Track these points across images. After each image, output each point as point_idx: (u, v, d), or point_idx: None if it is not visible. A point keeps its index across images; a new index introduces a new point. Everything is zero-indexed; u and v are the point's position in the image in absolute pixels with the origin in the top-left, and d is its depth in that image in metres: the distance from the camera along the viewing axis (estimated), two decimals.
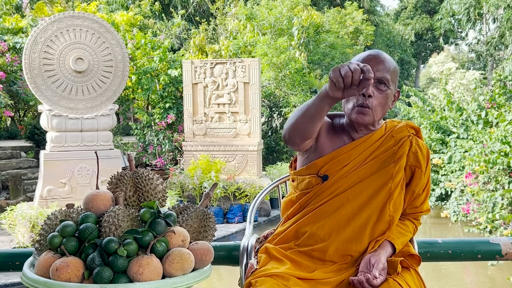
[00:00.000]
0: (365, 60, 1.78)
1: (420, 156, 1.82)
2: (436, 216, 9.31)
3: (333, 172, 1.81)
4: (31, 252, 1.65)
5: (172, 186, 9.22)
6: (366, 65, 1.48)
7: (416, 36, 33.42)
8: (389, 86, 1.78)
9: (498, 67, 20.75)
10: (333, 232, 1.78)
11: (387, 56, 1.81)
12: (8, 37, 10.87)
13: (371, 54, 1.81)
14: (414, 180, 1.83)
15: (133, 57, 11.72)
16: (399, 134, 1.85)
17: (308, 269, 1.77)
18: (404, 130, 1.86)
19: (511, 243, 2.10)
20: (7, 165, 10.69)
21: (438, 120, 9.62)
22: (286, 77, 13.63)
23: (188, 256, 1.35)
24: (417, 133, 1.88)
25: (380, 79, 1.76)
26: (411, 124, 1.89)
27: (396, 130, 1.86)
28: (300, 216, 1.85)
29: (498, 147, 6.85)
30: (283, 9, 15.09)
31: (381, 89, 1.77)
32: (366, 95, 1.75)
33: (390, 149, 1.82)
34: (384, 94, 1.77)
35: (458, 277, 6.68)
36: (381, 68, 1.77)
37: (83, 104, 7.56)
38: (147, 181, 1.48)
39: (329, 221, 1.79)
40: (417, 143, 1.84)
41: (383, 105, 1.79)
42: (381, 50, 1.86)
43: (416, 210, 1.87)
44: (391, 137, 1.84)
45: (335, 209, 1.79)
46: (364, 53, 1.84)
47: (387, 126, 1.88)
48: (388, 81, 1.77)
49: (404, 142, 1.82)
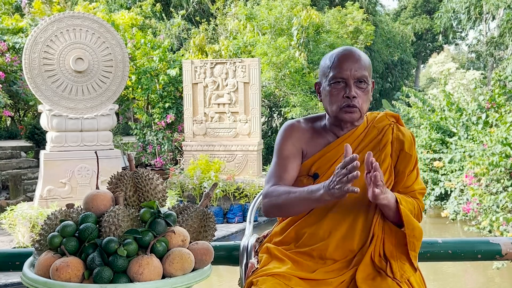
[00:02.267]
0: (341, 60, 1.80)
1: (404, 140, 1.86)
2: (436, 216, 9.31)
3: (323, 170, 1.83)
4: (31, 252, 1.65)
5: (172, 186, 9.22)
6: (354, 165, 1.56)
7: (416, 36, 33.41)
8: (368, 82, 1.82)
9: (498, 67, 20.75)
10: (332, 230, 1.79)
11: (360, 53, 1.84)
12: (7, 37, 10.86)
13: (346, 54, 1.82)
14: (400, 162, 1.85)
15: (132, 57, 11.72)
16: (381, 123, 1.89)
17: (309, 269, 1.77)
18: (385, 119, 1.91)
19: (511, 243, 2.10)
20: (7, 165, 10.69)
21: (438, 120, 9.63)
22: (286, 76, 13.63)
23: (188, 256, 1.35)
24: (397, 120, 1.92)
25: (360, 78, 1.80)
26: (390, 113, 1.94)
27: (377, 120, 1.90)
28: (298, 218, 1.86)
29: (499, 149, 6.84)
30: (283, 9, 15.08)
31: (362, 87, 1.81)
32: (351, 97, 1.78)
33: (375, 139, 1.86)
34: (365, 91, 1.82)
35: (458, 277, 6.68)
36: (358, 67, 1.80)
37: (83, 104, 7.56)
38: (147, 181, 1.48)
39: (327, 219, 1.80)
40: (398, 129, 1.88)
41: (366, 101, 1.84)
42: (352, 47, 1.89)
43: (408, 189, 1.86)
44: (373, 127, 1.89)
45: (331, 206, 1.80)
46: (338, 52, 1.84)
47: (368, 119, 1.92)
48: (367, 77, 1.81)
49: (387, 130, 1.87)
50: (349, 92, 1.78)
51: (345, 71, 1.78)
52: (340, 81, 1.80)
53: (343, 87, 1.80)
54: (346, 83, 1.79)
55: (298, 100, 13.02)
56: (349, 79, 1.79)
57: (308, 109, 12.90)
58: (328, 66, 1.83)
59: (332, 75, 1.81)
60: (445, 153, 9.01)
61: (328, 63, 1.84)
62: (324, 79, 1.85)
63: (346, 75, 1.79)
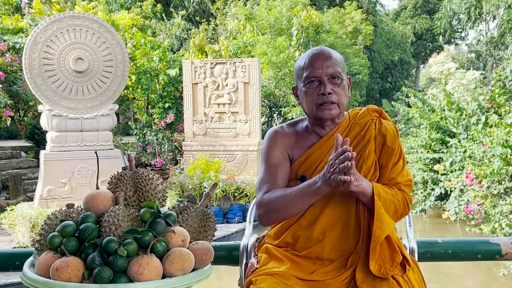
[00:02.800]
0: (312, 59, 1.84)
1: (386, 134, 1.86)
2: (436, 216, 9.31)
3: (310, 171, 1.84)
4: (31, 252, 1.65)
5: (172, 186, 9.22)
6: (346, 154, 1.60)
7: (416, 36, 33.42)
8: (342, 77, 1.84)
9: (498, 67, 20.75)
10: (326, 231, 1.80)
11: (331, 50, 1.88)
12: (7, 37, 10.86)
13: (316, 53, 1.86)
14: (383, 156, 1.86)
15: (132, 57, 11.72)
16: (363, 119, 1.89)
17: (308, 269, 1.78)
18: (367, 114, 1.91)
19: (511, 243, 2.10)
20: (7, 165, 10.69)
21: (438, 120, 9.62)
22: (285, 76, 13.63)
23: (188, 256, 1.35)
24: (380, 114, 1.92)
25: (333, 74, 1.83)
26: (373, 108, 1.94)
27: (359, 116, 1.91)
28: (291, 222, 1.86)
29: (499, 151, 6.83)
30: (283, 9, 15.09)
31: (336, 82, 1.83)
32: (326, 93, 1.81)
33: (358, 135, 1.87)
34: (341, 86, 1.84)
35: (457, 277, 6.68)
36: (330, 63, 1.82)
37: (83, 104, 7.56)
38: (147, 181, 1.48)
39: (320, 221, 1.81)
40: (380, 123, 1.88)
41: (344, 95, 1.85)
42: (322, 46, 1.93)
43: (392, 181, 1.85)
44: (355, 124, 1.89)
45: (323, 207, 1.81)
46: (308, 53, 1.88)
47: (350, 116, 1.93)
48: (340, 73, 1.84)
49: (370, 126, 1.87)
50: (324, 89, 1.81)
51: (317, 70, 1.82)
52: (313, 80, 1.83)
53: (318, 86, 1.83)
54: (320, 81, 1.82)
55: None
56: (322, 77, 1.82)
57: None
58: (301, 67, 1.87)
59: (305, 75, 1.84)
60: (445, 153, 9.00)
61: (301, 65, 1.87)
62: (299, 81, 1.88)
63: (319, 73, 1.82)
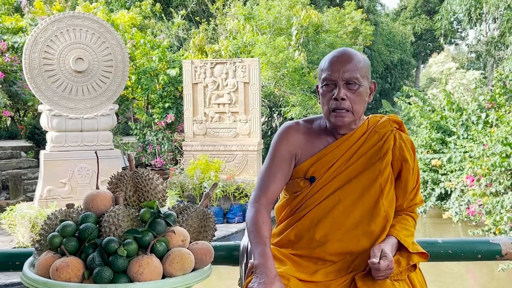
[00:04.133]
0: (332, 62, 1.80)
1: (405, 150, 1.83)
2: (436, 216, 9.31)
3: (320, 173, 1.82)
4: (31, 252, 1.65)
5: (172, 186, 9.22)
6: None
7: (416, 36, 33.42)
8: (360, 83, 1.78)
9: (498, 67, 20.76)
10: (329, 233, 1.78)
11: (354, 54, 1.81)
12: (7, 37, 10.86)
13: (336, 55, 1.82)
14: (403, 174, 1.83)
15: (132, 56, 11.72)
16: (383, 129, 1.85)
17: (309, 270, 1.77)
18: (387, 124, 1.86)
19: (511, 243, 2.09)
20: (7, 165, 10.69)
21: (438, 120, 9.62)
22: (285, 76, 13.63)
23: (188, 256, 1.35)
24: (400, 126, 1.88)
25: (349, 80, 1.77)
26: (394, 118, 1.90)
27: (379, 125, 1.86)
28: (294, 221, 1.85)
29: (499, 149, 6.83)
30: (282, 8, 15.09)
31: (352, 88, 1.78)
32: (338, 98, 1.76)
33: (375, 145, 1.83)
34: (356, 92, 1.78)
35: (456, 276, 6.68)
36: (347, 68, 1.77)
37: (83, 104, 7.56)
38: (147, 181, 1.48)
39: (324, 223, 1.79)
40: (400, 137, 1.85)
41: (359, 102, 1.79)
42: (348, 49, 1.86)
43: (411, 203, 1.86)
44: (374, 132, 1.85)
45: (328, 210, 1.79)
46: (330, 55, 1.85)
47: (369, 122, 1.89)
48: (357, 79, 1.78)
49: (388, 137, 1.83)
50: (337, 94, 1.76)
51: (334, 73, 1.78)
52: (329, 83, 1.80)
53: (333, 89, 1.79)
54: (336, 85, 1.79)
55: (297, 99, 13.01)
56: (338, 81, 1.78)
57: (308, 109, 12.90)
58: (321, 68, 1.84)
59: (323, 77, 1.81)
60: (445, 153, 9.01)
61: (321, 66, 1.85)
62: (319, 82, 1.86)
63: (335, 76, 1.78)
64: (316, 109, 12.99)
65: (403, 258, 1.72)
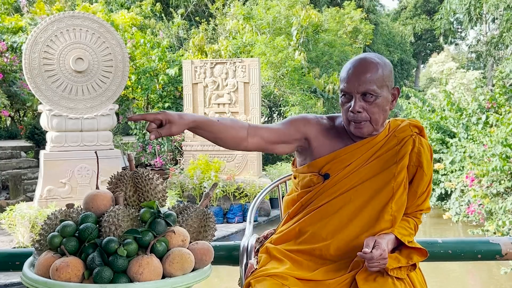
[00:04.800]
0: (349, 73, 1.78)
1: (423, 156, 1.81)
2: (436, 216, 9.31)
3: (335, 171, 1.81)
4: (31, 252, 1.65)
5: (172, 186, 9.22)
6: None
7: (416, 36, 33.43)
8: (376, 94, 1.75)
9: (498, 67, 20.75)
10: (335, 232, 1.78)
11: (370, 64, 1.77)
12: (6, 37, 10.85)
13: (354, 65, 1.78)
14: (415, 180, 1.82)
15: (132, 56, 11.72)
16: (402, 133, 1.84)
17: (309, 269, 1.77)
18: (407, 129, 1.85)
19: (511, 243, 2.10)
20: (7, 165, 10.69)
21: (438, 120, 9.62)
22: (284, 76, 13.63)
23: (188, 256, 1.35)
24: (420, 131, 1.86)
25: (364, 92, 1.75)
26: (415, 123, 1.87)
27: (399, 130, 1.85)
28: (302, 215, 1.85)
29: (499, 150, 6.83)
30: (281, 8, 15.09)
31: (369, 100, 1.75)
32: (354, 111, 1.75)
33: (393, 149, 1.82)
34: (373, 103, 1.76)
35: (456, 276, 6.68)
36: (363, 80, 1.74)
37: (83, 104, 7.56)
38: (147, 181, 1.48)
39: (331, 221, 1.79)
40: (420, 142, 1.83)
41: (378, 113, 1.77)
42: (367, 57, 1.81)
43: (418, 208, 1.86)
44: (393, 136, 1.84)
45: (337, 208, 1.79)
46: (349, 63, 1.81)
47: (390, 126, 1.87)
48: (374, 90, 1.74)
49: (407, 142, 1.82)
50: (353, 107, 1.75)
51: (350, 85, 1.76)
52: (345, 95, 1.79)
53: (349, 100, 1.79)
54: (352, 97, 1.77)
55: (297, 99, 13.01)
56: (354, 93, 1.76)
57: (307, 108, 12.90)
58: (340, 78, 1.83)
59: (341, 88, 1.82)
60: (445, 153, 9.00)
61: (341, 75, 1.83)
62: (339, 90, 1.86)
63: (351, 89, 1.76)
64: (316, 108, 12.99)
65: (402, 257, 1.72)
